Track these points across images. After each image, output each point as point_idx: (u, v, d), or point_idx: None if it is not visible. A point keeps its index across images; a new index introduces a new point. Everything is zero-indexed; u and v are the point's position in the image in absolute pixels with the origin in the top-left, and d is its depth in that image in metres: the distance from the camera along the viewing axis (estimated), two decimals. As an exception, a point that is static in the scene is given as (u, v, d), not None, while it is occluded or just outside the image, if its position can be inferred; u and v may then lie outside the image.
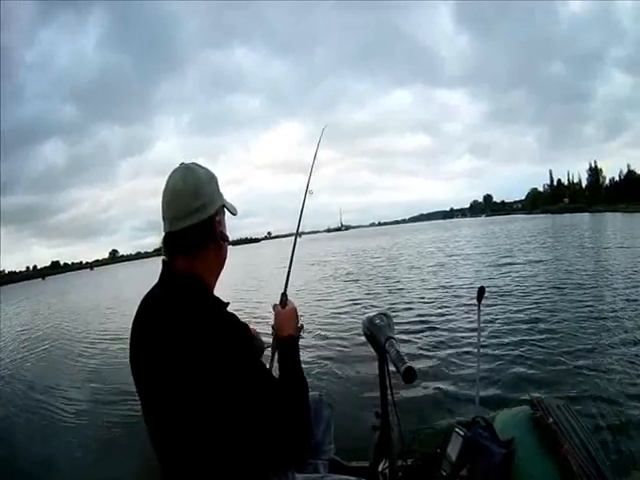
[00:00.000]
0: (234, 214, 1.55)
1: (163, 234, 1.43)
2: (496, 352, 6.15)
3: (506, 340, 6.72)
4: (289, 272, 1.93)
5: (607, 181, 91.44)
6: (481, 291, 2.59)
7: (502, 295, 10.11)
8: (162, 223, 1.44)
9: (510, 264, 14.74)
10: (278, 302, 1.74)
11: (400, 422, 2.01)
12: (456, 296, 10.86)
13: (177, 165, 1.46)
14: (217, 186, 1.48)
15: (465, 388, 5.02)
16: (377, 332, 1.81)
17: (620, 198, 64.26)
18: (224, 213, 1.51)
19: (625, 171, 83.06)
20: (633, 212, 45.18)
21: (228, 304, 1.40)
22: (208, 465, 1.25)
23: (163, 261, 1.43)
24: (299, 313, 1.71)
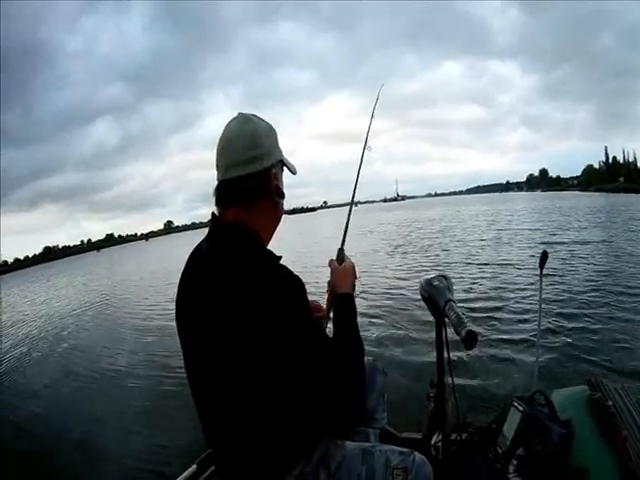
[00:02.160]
0: (294, 173, 1.48)
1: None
2: (556, 325, 6.03)
3: (566, 314, 6.53)
4: (346, 227, 1.79)
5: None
6: (544, 256, 2.45)
7: (563, 271, 9.82)
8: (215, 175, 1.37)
9: (573, 242, 14.26)
10: (335, 257, 1.64)
11: (456, 392, 1.96)
12: (513, 265, 10.88)
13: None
14: (276, 141, 1.41)
15: (523, 359, 4.94)
16: (436, 294, 1.78)
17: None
18: (282, 170, 1.43)
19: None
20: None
21: (281, 257, 1.31)
22: (253, 425, 1.20)
23: (212, 214, 1.37)
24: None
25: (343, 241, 1.72)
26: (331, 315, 1.49)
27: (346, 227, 1.79)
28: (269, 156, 1.34)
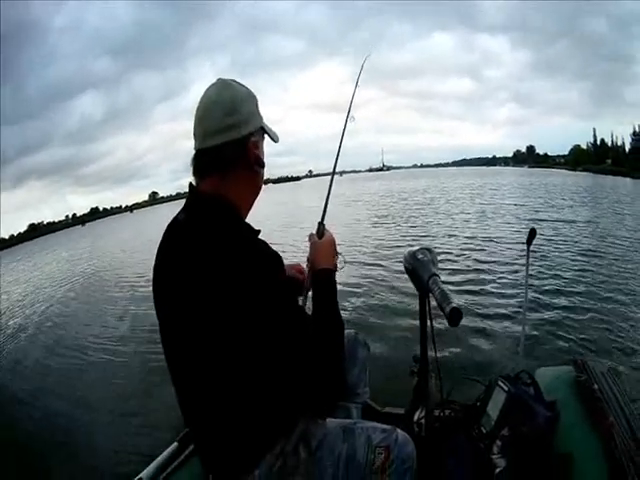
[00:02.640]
0: (275, 141, 1.43)
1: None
2: (542, 303, 6.03)
3: (552, 291, 6.54)
4: (327, 201, 1.78)
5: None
6: (532, 233, 2.38)
7: (548, 249, 9.74)
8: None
9: (558, 221, 14.18)
10: (315, 232, 1.62)
11: (440, 368, 1.93)
12: (498, 240, 10.87)
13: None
14: (257, 107, 1.36)
15: (509, 335, 4.96)
16: (420, 268, 1.72)
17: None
18: (263, 138, 1.39)
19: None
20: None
21: (259, 232, 1.29)
22: (230, 403, 1.18)
23: (190, 184, 1.33)
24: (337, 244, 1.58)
25: (323, 215, 1.70)
26: (310, 292, 1.47)
27: (326, 201, 1.78)
28: (248, 123, 1.30)
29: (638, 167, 69.54)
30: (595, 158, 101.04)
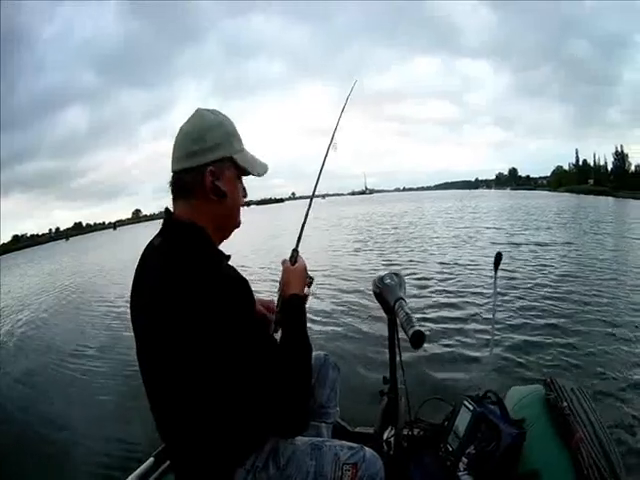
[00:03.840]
0: (252, 173, 1.45)
1: None
2: (512, 325, 6.10)
3: (523, 315, 6.57)
4: (302, 228, 1.82)
5: (633, 167, 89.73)
6: (498, 257, 2.41)
7: (522, 271, 9.89)
8: None
9: (537, 244, 14.26)
10: (288, 258, 1.66)
11: (407, 389, 2.02)
12: (472, 265, 10.86)
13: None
14: (226, 135, 1.37)
15: (477, 358, 4.99)
16: (387, 292, 1.81)
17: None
18: (236, 169, 1.40)
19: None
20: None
21: (229, 257, 1.36)
22: (202, 421, 1.22)
23: (166, 209, 1.38)
24: (310, 270, 1.66)
25: (298, 242, 1.74)
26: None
27: (302, 228, 1.82)
28: (211, 151, 1.33)
29: (620, 186, 70.66)
30: (577, 178, 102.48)
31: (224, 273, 1.24)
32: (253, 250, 17.19)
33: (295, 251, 1.69)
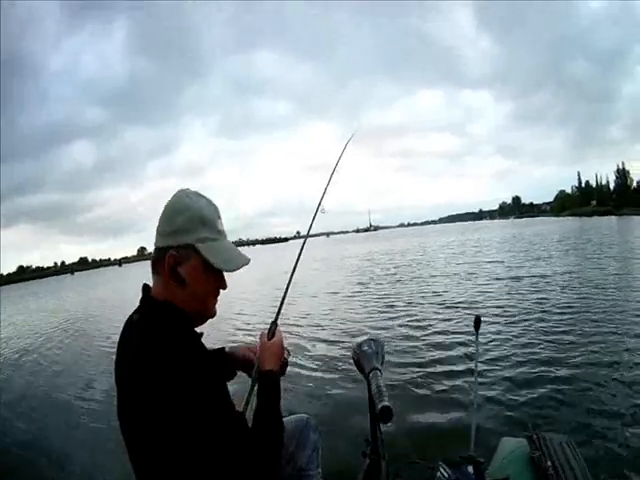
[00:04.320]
0: (220, 268, 1.41)
1: None
2: (497, 380, 5.76)
3: (509, 367, 6.22)
4: (283, 299, 1.87)
5: (635, 183, 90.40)
6: (477, 321, 2.58)
7: (509, 317, 9.32)
8: None
9: (536, 276, 14.03)
10: (266, 331, 1.68)
11: (386, 452, 1.93)
12: (458, 317, 10.20)
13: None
14: (195, 223, 1.36)
15: (461, 420, 4.73)
16: (363, 360, 1.79)
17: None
18: (200, 258, 1.37)
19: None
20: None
21: (202, 335, 1.41)
22: None
23: (144, 285, 1.42)
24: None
25: (277, 314, 1.78)
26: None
27: (283, 297, 1.87)
28: (173, 236, 1.35)
29: (622, 204, 70.63)
30: (580, 201, 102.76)
31: (195, 357, 1.27)
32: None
33: (274, 324, 1.70)
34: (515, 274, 15.11)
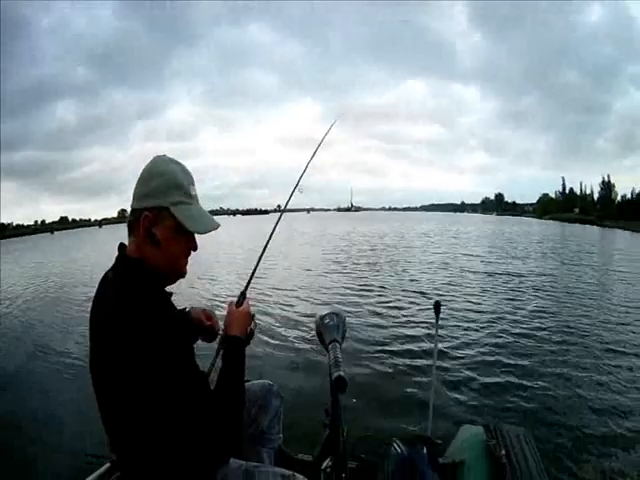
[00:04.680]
0: (192, 229, 1.44)
1: None
2: (459, 367, 6.00)
3: (472, 356, 6.45)
4: (254, 270, 1.92)
5: (619, 197, 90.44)
6: (437, 306, 2.67)
7: (478, 311, 9.57)
8: None
9: (499, 274, 14.30)
10: (236, 300, 1.71)
11: (346, 424, 1.92)
12: (426, 304, 10.27)
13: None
14: (166, 184, 1.41)
15: (420, 401, 4.84)
16: (325, 332, 1.79)
17: (631, 216, 63.49)
18: (174, 221, 1.41)
19: (638, 190, 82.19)
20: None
21: (171, 294, 1.46)
22: (137, 443, 1.29)
23: (120, 244, 1.46)
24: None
25: (247, 285, 1.83)
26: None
27: (255, 268, 1.94)
28: (148, 199, 1.39)
29: (605, 216, 71.26)
30: (563, 206, 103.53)
31: (164, 315, 1.31)
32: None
33: (242, 294, 1.73)
34: (490, 270, 15.28)
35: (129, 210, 1.44)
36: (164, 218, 1.40)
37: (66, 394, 5.40)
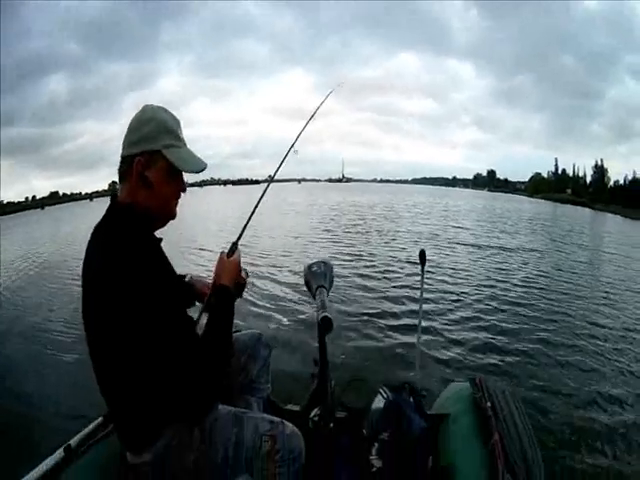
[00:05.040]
0: (183, 169, 1.50)
1: None
2: (445, 327, 6.12)
3: (456, 319, 6.57)
4: (247, 223, 1.92)
5: (611, 182, 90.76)
6: (422, 254, 2.68)
7: (476, 272, 10.11)
8: None
9: (500, 248, 14.32)
10: (227, 250, 1.72)
11: (333, 372, 2.12)
12: (413, 271, 10.24)
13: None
14: (157, 129, 1.45)
15: (408, 355, 4.94)
16: (312, 279, 1.94)
17: (623, 202, 63.89)
18: (166, 162, 1.45)
19: (631, 176, 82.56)
20: (635, 219, 43.91)
21: (161, 239, 1.51)
22: (129, 388, 1.33)
23: (112, 193, 1.50)
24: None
25: (240, 236, 1.82)
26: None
27: (246, 223, 1.91)
28: (141, 144, 1.42)
29: (597, 199, 71.54)
30: (555, 187, 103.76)
31: (146, 258, 1.34)
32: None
33: (234, 245, 1.74)
34: (479, 242, 15.36)
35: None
36: (156, 161, 1.45)
37: (57, 366, 5.35)
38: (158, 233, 1.53)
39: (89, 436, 1.88)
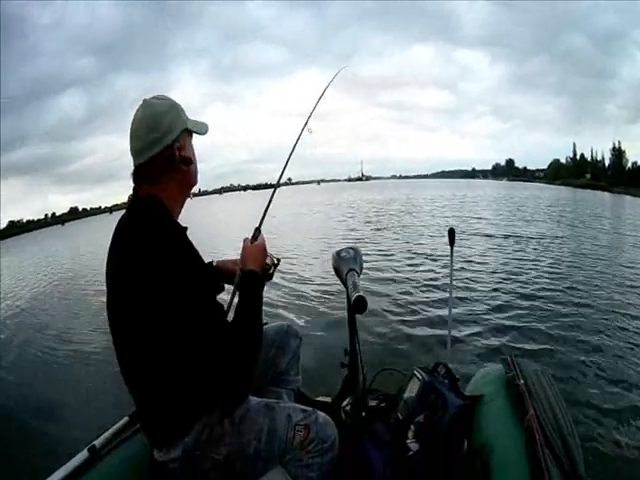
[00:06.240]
0: (201, 133, 1.59)
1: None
2: (474, 311, 6.23)
3: (489, 302, 6.72)
4: (267, 208, 1.96)
5: (630, 164, 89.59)
6: (451, 233, 2.69)
7: (501, 260, 10.26)
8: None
9: (522, 236, 14.21)
10: (250, 237, 1.74)
11: (366, 361, 2.10)
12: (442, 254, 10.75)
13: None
14: (177, 112, 1.52)
15: (440, 339, 5.00)
16: (342, 264, 1.92)
17: (641, 183, 62.67)
18: (190, 136, 1.56)
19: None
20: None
21: (186, 228, 1.48)
22: (158, 381, 1.34)
23: (134, 188, 1.51)
24: (274, 250, 1.80)
25: (261, 221, 1.86)
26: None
27: (266, 209, 1.96)
28: (171, 132, 1.47)
29: (616, 182, 70.63)
30: (574, 172, 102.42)
31: (175, 244, 1.36)
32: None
33: (257, 230, 1.77)
34: (500, 232, 15.30)
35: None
36: (185, 137, 1.53)
37: (83, 370, 5.49)
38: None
39: (114, 436, 1.92)
